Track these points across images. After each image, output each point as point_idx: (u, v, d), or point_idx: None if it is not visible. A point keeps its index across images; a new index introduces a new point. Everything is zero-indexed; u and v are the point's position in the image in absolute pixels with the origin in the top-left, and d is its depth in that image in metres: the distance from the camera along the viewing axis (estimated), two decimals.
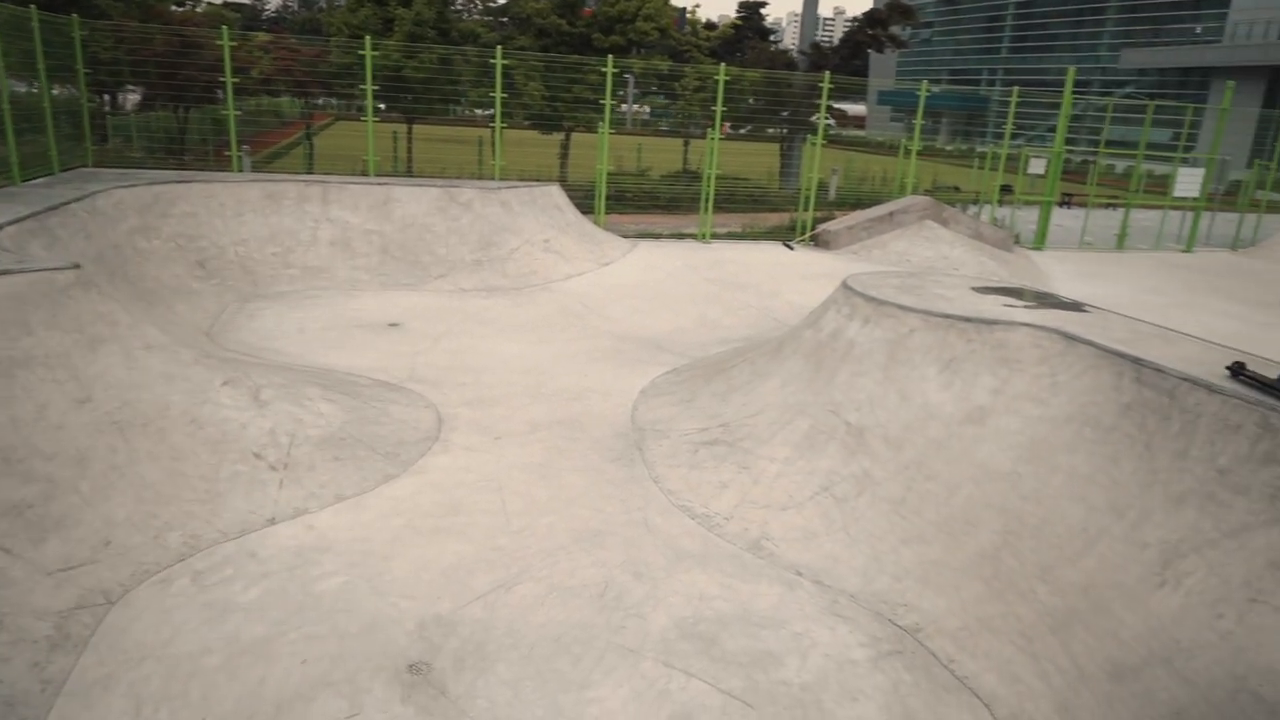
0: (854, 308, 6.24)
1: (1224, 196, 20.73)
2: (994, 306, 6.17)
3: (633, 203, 16.59)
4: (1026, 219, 17.20)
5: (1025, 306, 6.23)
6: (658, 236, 14.09)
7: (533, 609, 4.46)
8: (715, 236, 14.42)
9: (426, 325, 9.15)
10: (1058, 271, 13.89)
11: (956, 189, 20.86)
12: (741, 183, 18.68)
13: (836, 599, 4.70)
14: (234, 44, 11.64)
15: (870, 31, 20.03)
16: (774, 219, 15.87)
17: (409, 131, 17.29)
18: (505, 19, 16.56)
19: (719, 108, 13.23)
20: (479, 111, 16.32)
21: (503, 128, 13.06)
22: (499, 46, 12.45)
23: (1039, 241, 15.95)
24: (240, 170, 12.56)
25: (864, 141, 55.37)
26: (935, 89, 66.10)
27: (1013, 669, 4.10)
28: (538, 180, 14.44)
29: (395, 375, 7.46)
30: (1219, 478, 4.30)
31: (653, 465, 6.09)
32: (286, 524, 5.06)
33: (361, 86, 12.31)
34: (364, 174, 12.82)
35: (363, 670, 3.89)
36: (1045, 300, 6.53)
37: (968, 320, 5.71)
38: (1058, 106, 15.04)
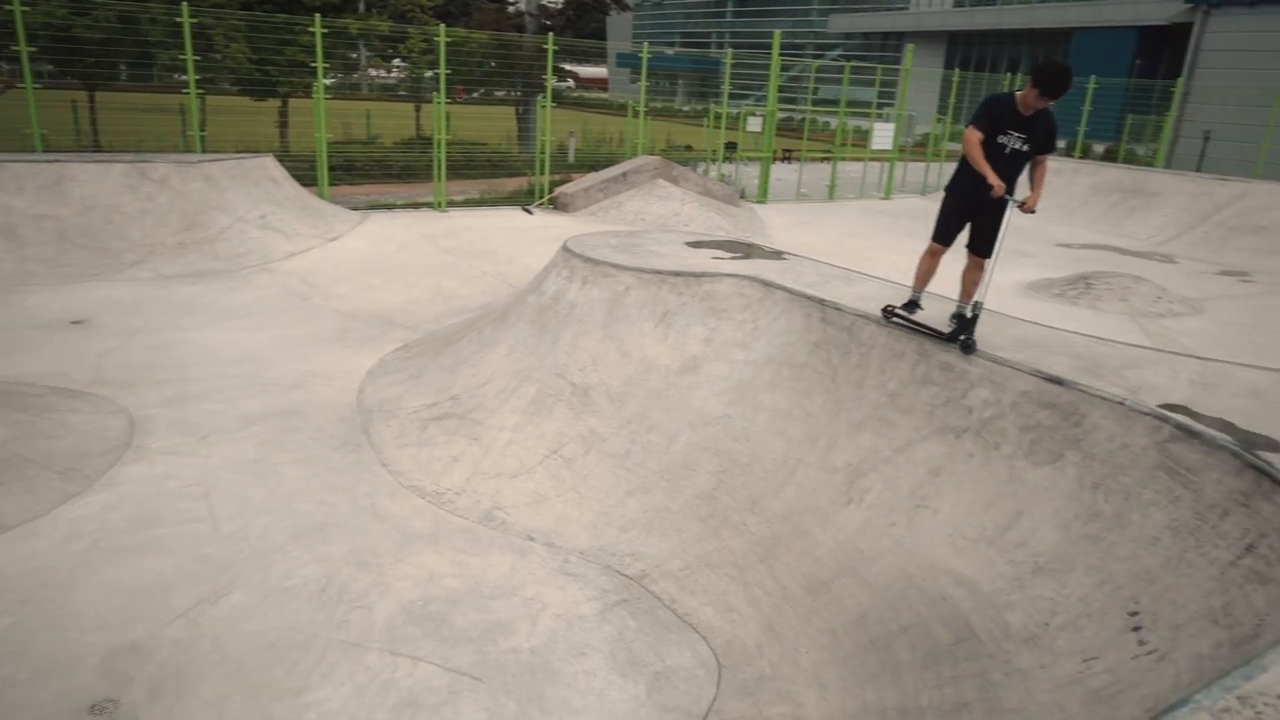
0: (573, 270, 6.30)
1: (914, 148, 23.30)
2: (704, 260, 6.49)
3: (363, 172, 15.74)
4: (752, 174, 18.33)
5: (732, 258, 6.60)
6: (391, 207, 13.49)
7: (243, 619, 4.13)
8: (453, 204, 14.04)
9: (119, 320, 8.14)
10: (777, 222, 14.94)
11: (689, 148, 21.76)
12: (479, 148, 18.32)
13: (567, 559, 4.78)
14: None
15: None
16: (513, 184, 15.72)
17: (91, 100, 15.19)
18: None
19: (442, 71, 12.79)
20: (177, 76, 14.61)
21: (200, 94, 11.79)
22: (184, 3, 11.17)
23: (762, 195, 17.07)
24: None
25: (607, 103, 56.32)
26: (669, 51, 68.03)
27: (727, 599, 4.38)
28: (253, 152, 13.27)
29: (77, 380, 6.57)
30: (889, 401, 4.81)
31: (380, 448, 5.85)
32: None
33: (14, 47, 10.59)
34: (32, 149, 11.11)
35: None
36: (751, 251, 6.97)
37: (678, 275, 5.95)
38: (768, 68, 16.07)
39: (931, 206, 18.18)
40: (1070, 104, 21.70)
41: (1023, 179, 5.29)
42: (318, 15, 11.78)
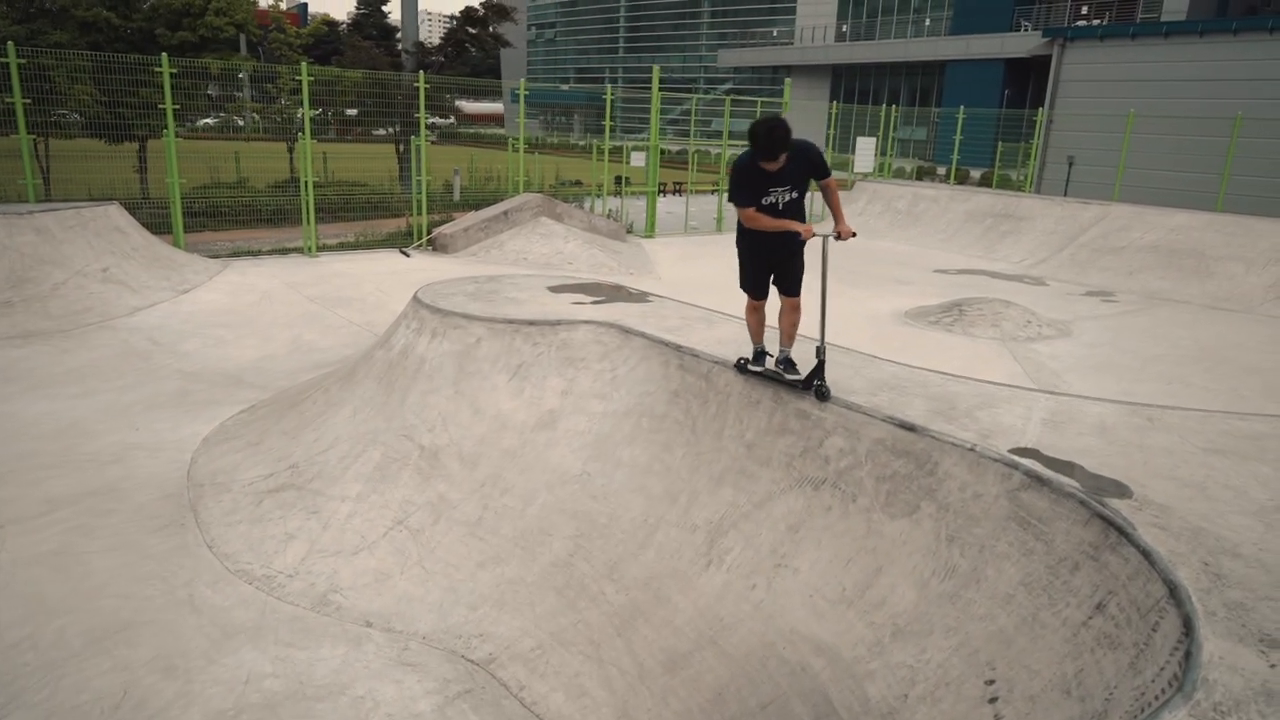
0: (423, 321, 5.90)
1: None
2: (564, 306, 6.18)
3: (230, 217, 14.89)
4: (639, 209, 18.23)
5: (594, 302, 6.31)
6: (256, 254, 12.75)
7: None
8: (325, 248, 13.40)
9: None
10: (663, 256, 14.83)
11: (578, 183, 21.59)
12: (359, 189, 17.68)
13: (408, 645, 4.33)
14: None
15: (471, 30, 19.98)
16: (392, 225, 15.16)
17: None
18: (33, 9, 13.90)
19: (306, 110, 12.22)
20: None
21: (34, 138, 10.89)
22: (10, 43, 10.32)
23: (649, 229, 16.97)
24: None
25: (502, 139, 56.00)
26: (564, 87, 68.26)
27: (580, 682, 4.02)
28: (107, 198, 12.37)
29: None
30: (748, 452, 4.57)
31: (208, 527, 5.27)
32: None
33: None
34: None
35: None
36: (615, 293, 6.70)
37: (532, 324, 5.62)
38: (668, 103, 16.04)
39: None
40: (945, 133, 22.55)
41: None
42: (164, 55, 11.06)
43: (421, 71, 13.51)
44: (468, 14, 19.82)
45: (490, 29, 20.37)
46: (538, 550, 4.80)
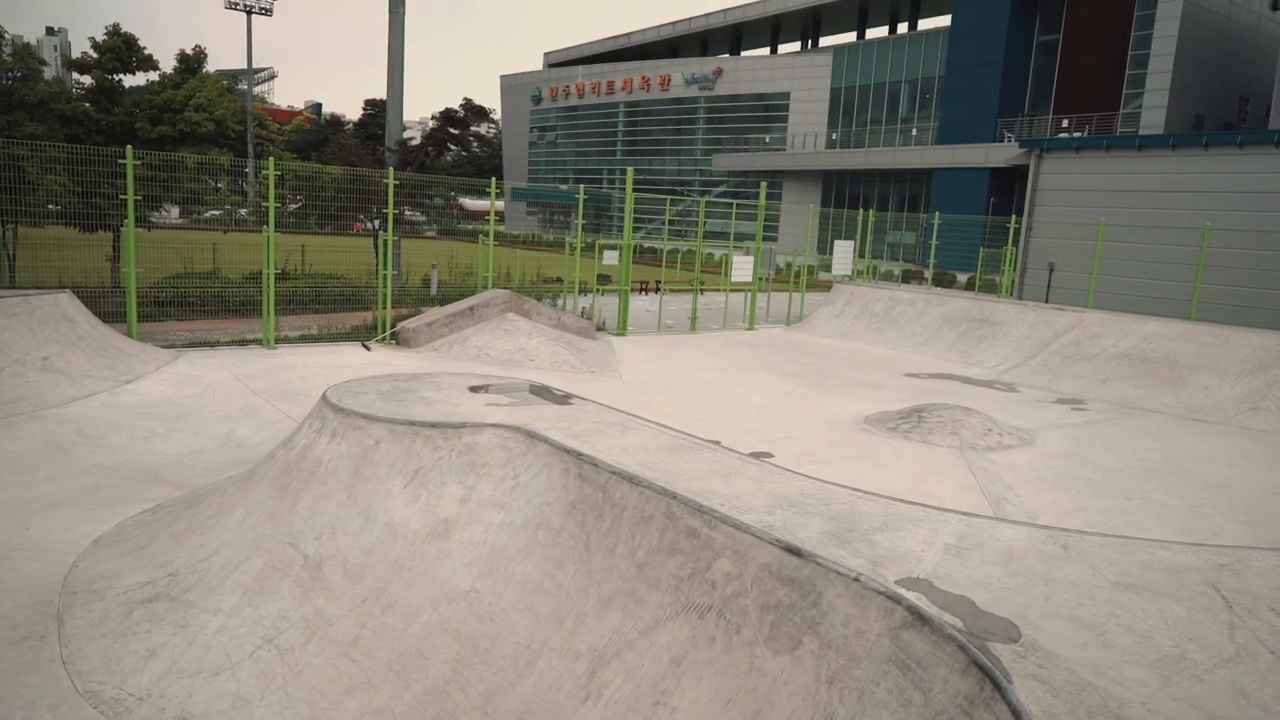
0: (324, 421, 5.63)
1: (777, 279, 23.90)
2: (477, 407, 5.92)
3: (197, 307, 14.82)
4: (614, 306, 18.20)
5: (510, 404, 6.06)
6: (213, 344, 12.58)
7: None
8: (286, 340, 13.25)
9: None
10: (631, 355, 14.67)
11: (558, 280, 21.68)
12: (334, 281, 17.69)
13: None
14: None
15: (453, 130, 20.47)
16: (357, 318, 15.06)
17: None
18: (13, 100, 14.18)
19: (271, 203, 12.26)
20: None
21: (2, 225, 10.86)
22: None
23: (621, 328, 16.88)
24: None
25: (500, 236, 56.98)
26: (563, 187, 69.94)
27: None
28: (77, 286, 12.30)
29: None
30: (638, 573, 4.23)
31: (69, 640, 4.87)
32: None
33: None
34: None
35: None
36: (537, 395, 6.45)
37: (434, 426, 5.35)
38: (661, 204, 16.18)
39: (793, 336, 18.51)
40: (927, 236, 22.81)
41: None
42: (129, 149, 11.16)
43: (391, 169, 13.65)
44: (447, 115, 20.35)
45: (470, 129, 20.87)
46: (412, 676, 4.39)
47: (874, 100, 54.27)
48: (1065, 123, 41.99)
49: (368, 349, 13.10)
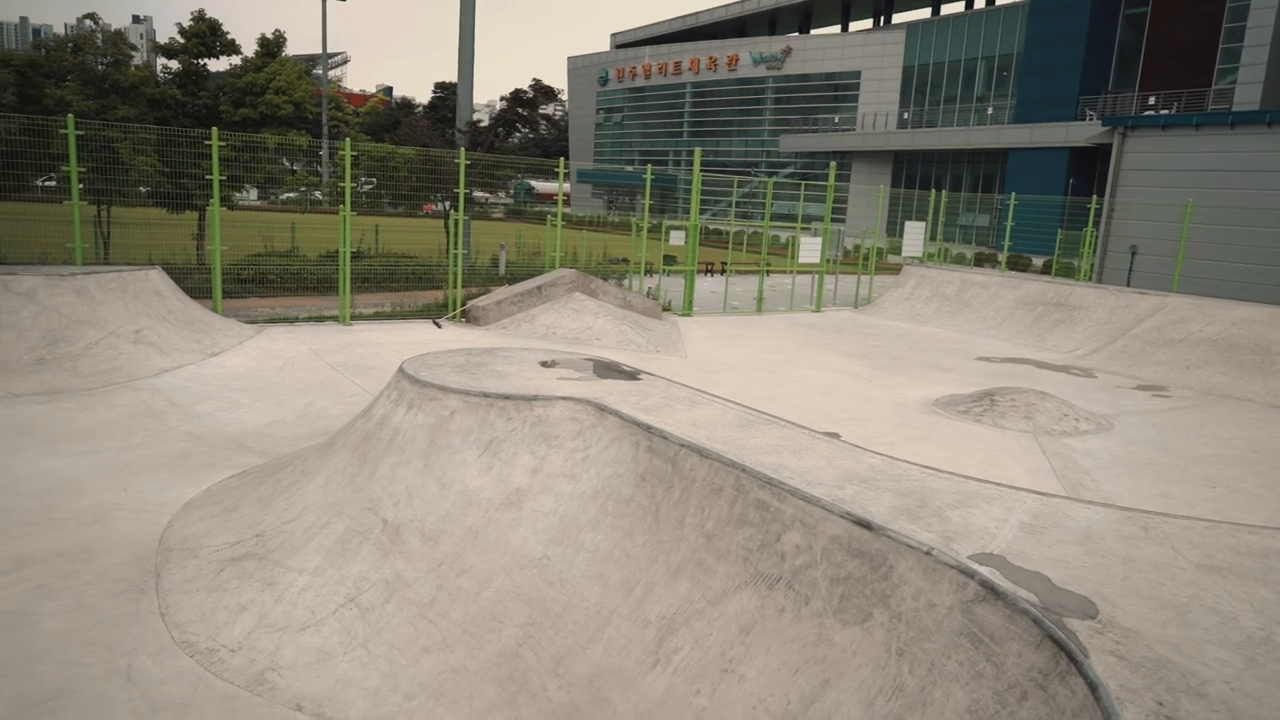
0: (402, 392, 5.81)
1: (844, 261, 23.57)
2: (548, 381, 6.04)
3: (277, 285, 15.34)
4: (680, 287, 18.22)
5: (580, 379, 6.16)
6: (292, 321, 13.03)
7: None
8: (361, 318, 13.63)
9: None
10: (696, 335, 14.68)
11: (624, 260, 21.77)
12: (406, 260, 18.11)
13: None
14: None
15: (521, 111, 20.69)
16: (428, 297, 15.40)
17: None
18: (106, 86, 14.83)
19: (347, 184, 12.60)
20: (82, 187, 14.30)
21: (92, 204, 11.42)
22: (71, 115, 10.94)
23: (686, 308, 16.89)
24: None
25: (566, 217, 57.44)
26: (629, 168, 69.87)
27: None
28: (165, 264, 12.89)
29: None
30: (707, 544, 4.28)
31: (166, 594, 5.16)
32: None
33: None
34: None
35: None
36: (606, 371, 6.53)
37: (507, 398, 5.47)
38: (727, 185, 16.17)
39: (860, 318, 18.32)
40: (1006, 219, 22.21)
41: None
42: (214, 130, 11.59)
43: (462, 149, 13.88)
44: (516, 96, 20.56)
45: (538, 110, 21.03)
46: (486, 637, 4.54)
47: (948, 78, 52.82)
48: (1152, 100, 40.20)
49: (438, 326, 13.40)
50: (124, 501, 6.42)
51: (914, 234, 21.20)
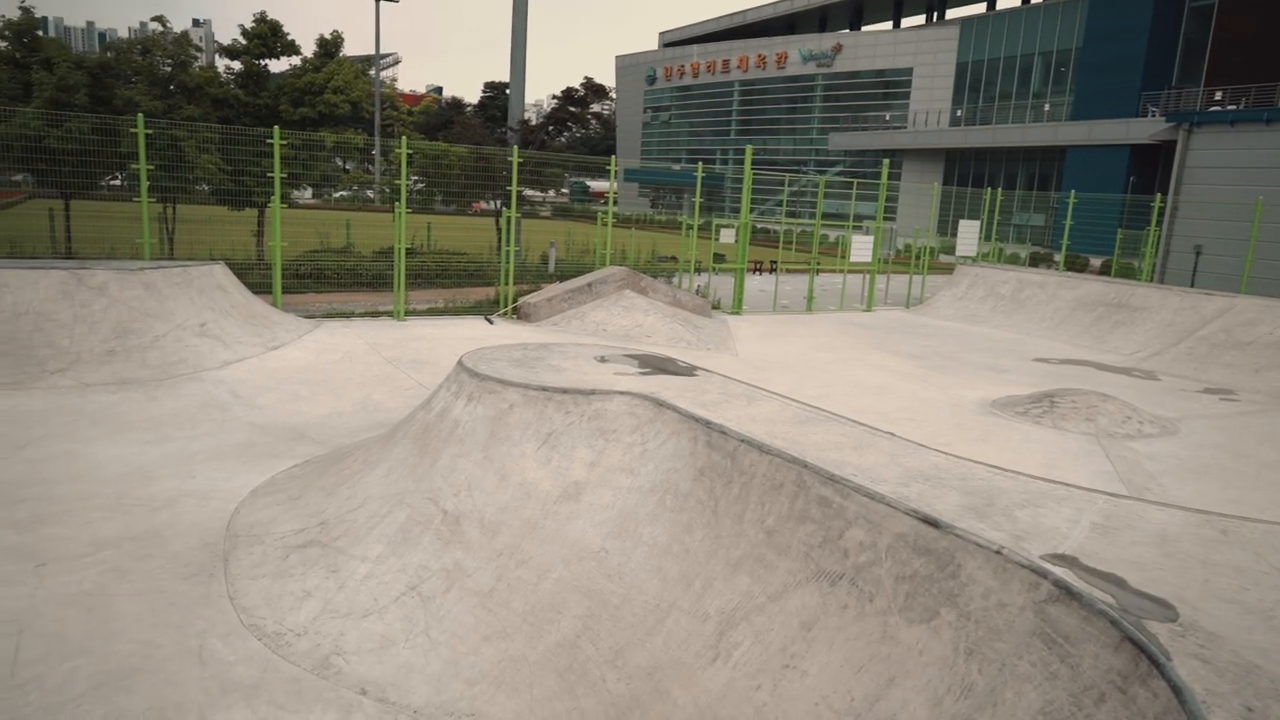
0: (461, 385, 5.89)
1: (895, 260, 23.24)
2: (605, 375, 6.07)
3: (333, 281, 15.65)
4: (729, 286, 18.16)
5: (638, 373, 6.18)
6: (348, 316, 13.28)
7: None
8: (414, 313, 13.84)
9: (19, 430, 7.75)
10: (746, 333, 14.61)
11: (673, 259, 21.77)
12: (458, 257, 18.33)
13: (397, 718, 4.16)
14: None
15: (572, 109, 20.80)
16: (480, 293, 15.57)
17: (66, 208, 15.34)
18: (172, 87, 15.28)
19: (403, 181, 12.80)
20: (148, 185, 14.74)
21: (157, 202, 11.78)
22: (140, 115, 11.29)
23: (736, 307, 16.82)
24: None
25: (614, 216, 57.63)
26: (676, 167, 69.78)
27: None
28: (226, 259, 13.24)
29: None
30: (767, 539, 4.27)
31: (234, 579, 5.30)
32: None
33: None
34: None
35: None
36: (663, 366, 6.54)
37: (565, 392, 5.51)
38: (776, 184, 16.11)
39: (912, 318, 18.04)
40: (1063, 219, 21.73)
41: None
42: (276, 129, 11.86)
43: (515, 147, 14.01)
44: (568, 94, 20.69)
45: (590, 107, 21.11)
46: (546, 628, 4.58)
47: (1004, 74, 51.78)
48: (1219, 95, 38.92)
49: (490, 322, 13.54)
50: (192, 489, 6.61)
51: (968, 233, 20.83)
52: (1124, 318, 16.28)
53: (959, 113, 54.34)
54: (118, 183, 15.97)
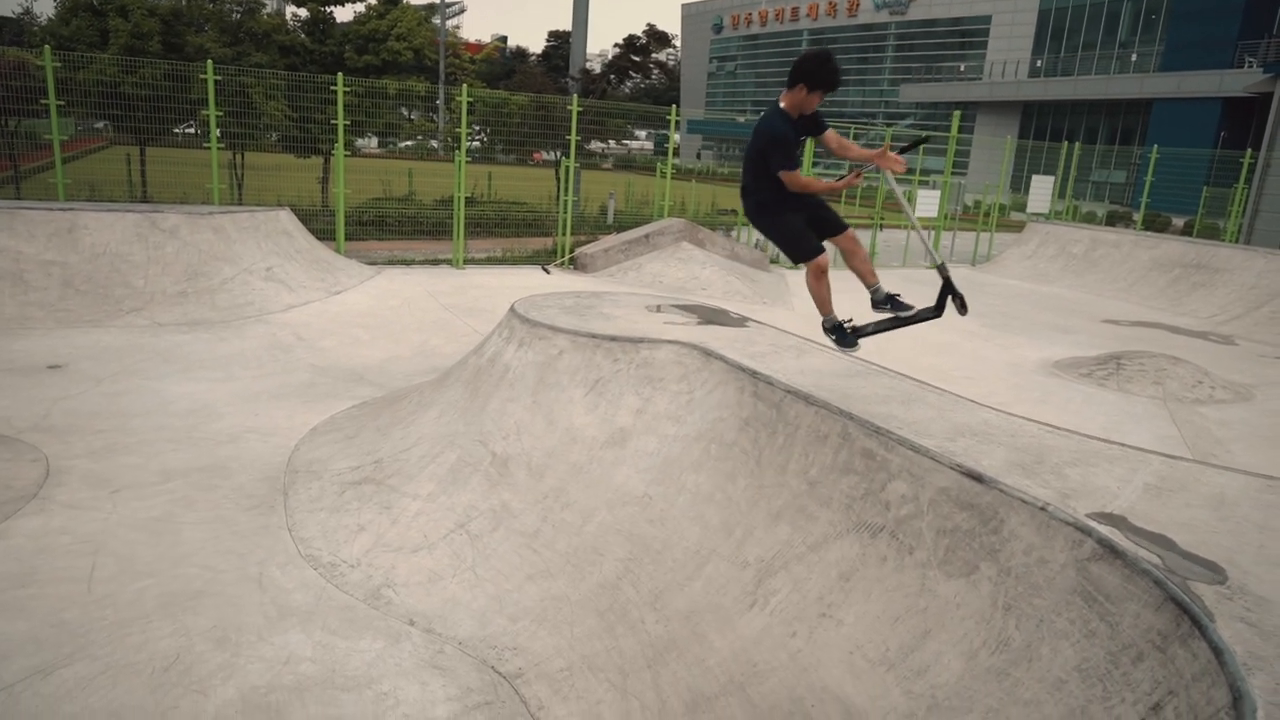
0: (512, 331, 5.96)
1: (963, 217, 22.55)
2: (655, 324, 6.07)
3: (394, 228, 15.89)
4: None
5: (687, 323, 6.16)
6: (409, 263, 13.50)
7: (69, 696, 3.78)
8: (473, 262, 13.99)
9: (96, 366, 8.13)
10: (803, 288, 14.40)
11: (733, 212, 21.51)
12: (517, 207, 18.40)
13: (443, 648, 4.31)
14: None
15: (635, 58, 20.48)
16: (538, 243, 15.64)
17: (141, 154, 15.80)
18: (241, 33, 15.51)
19: (464, 129, 12.85)
20: (218, 132, 15.08)
21: (225, 148, 12.06)
22: (210, 61, 11.51)
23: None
24: None
25: (675, 169, 56.98)
26: (740, 119, 68.39)
27: (599, 710, 3.84)
28: (293, 206, 13.56)
29: (17, 425, 6.48)
30: (810, 490, 4.26)
31: (293, 511, 5.52)
32: None
33: (44, 101, 11.03)
34: (56, 198, 11.48)
35: None
36: (713, 317, 6.51)
37: (614, 339, 5.54)
38: (846, 136, 15.69)
39: (978, 277, 17.50)
40: (1139, 175, 20.75)
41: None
42: (340, 75, 11.98)
43: (575, 95, 13.92)
44: (630, 42, 20.38)
45: (652, 56, 20.78)
46: (588, 569, 4.67)
47: (1088, 22, 49.20)
48: None
49: (547, 272, 13.62)
50: (256, 425, 6.87)
51: (1041, 189, 20.08)
52: (1203, 279, 15.58)
53: (1038, 63, 51.97)
54: (191, 130, 16.35)
